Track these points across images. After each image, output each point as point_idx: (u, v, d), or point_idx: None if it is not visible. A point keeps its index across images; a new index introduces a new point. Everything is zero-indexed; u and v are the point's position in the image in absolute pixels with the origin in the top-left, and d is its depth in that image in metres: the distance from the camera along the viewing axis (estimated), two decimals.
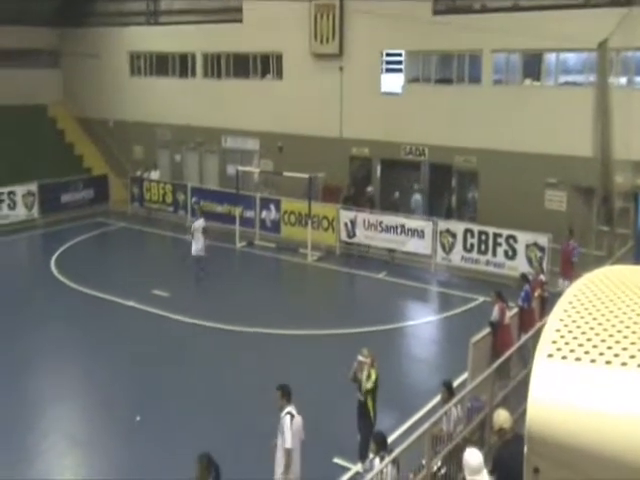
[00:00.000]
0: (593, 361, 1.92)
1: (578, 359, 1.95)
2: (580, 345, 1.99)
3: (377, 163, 24.18)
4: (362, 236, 22.05)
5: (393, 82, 23.65)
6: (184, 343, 15.46)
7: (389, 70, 23.85)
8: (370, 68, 23.56)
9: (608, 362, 1.90)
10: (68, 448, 11.68)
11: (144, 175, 27.99)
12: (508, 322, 12.89)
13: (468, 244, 20.13)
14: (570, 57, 21.27)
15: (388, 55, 23.75)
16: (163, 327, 16.42)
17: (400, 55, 23.53)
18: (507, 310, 13.05)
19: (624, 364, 1.88)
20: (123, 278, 20.14)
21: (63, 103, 31.88)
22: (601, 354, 1.93)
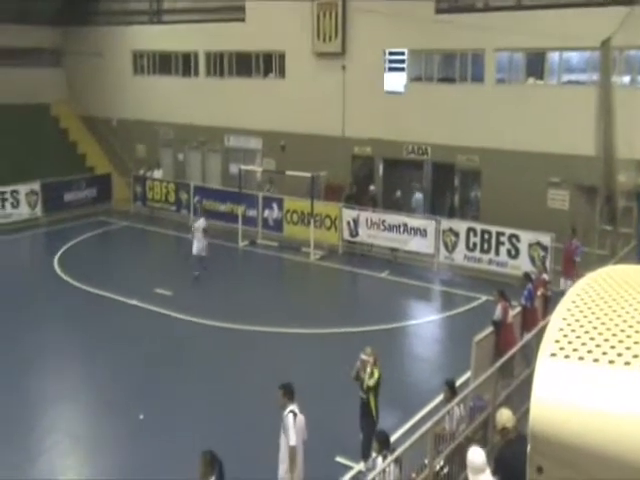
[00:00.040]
0: (596, 360, 1.92)
1: (581, 358, 1.95)
2: (583, 344, 1.99)
3: (379, 162, 24.17)
4: (365, 235, 22.04)
5: (396, 81, 23.63)
6: (187, 342, 15.47)
7: (392, 69, 23.84)
8: (373, 67, 23.55)
9: (611, 361, 1.90)
10: (71, 447, 11.68)
11: (147, 174, 28.02)
12: (511, 321, 12.88)
13: (471, 243, 20.12)
14: (573, 56, 21.25)
15: (391, 54, 23.74)
16: (166, 326, 16.44)
17: (403, 54, 23.51)
18: (510, 309, 13.04)
19: (627, 363, 1.88)
20: (126, 277, 20.18)
21: (66, 102, 31.89)
22: (604, 353, 1.93)
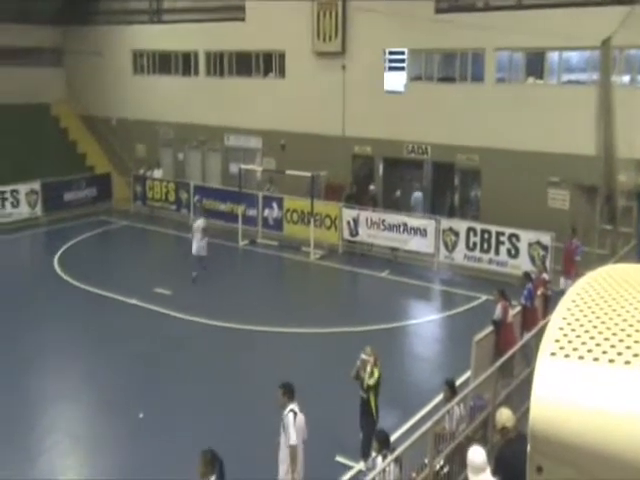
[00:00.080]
0: (596, 359, 1.92)
1: (581, 357, 1.94)
2: (583, 343, 1.98)
3: (380, 161, 24.17)
4: (365, 234, 22.04)
5: (396, 80, 23.62)
6: (186, 341, 15.47)
7: (392, 68, 23.84)
8: (373, 66, 23.54)
9: (611, 360, 1.90)
10: (71, 447, 11.67)
11: (147, 173, 28.02)
12: (511, 321, 12.88)
13: (471, 242, 20.12)
14: (573, 55, 21.25)
15: (391, 53, 23.74)
16: (165, 325, 16.44)
17: (403, 53, 23.52)
18: (510, 309, 13.04)
19: (627, 362, 1.87)
20: (125, 276, 20.18)
21: (66, 101, 31.90)
22: (604, 352, 1.93)
